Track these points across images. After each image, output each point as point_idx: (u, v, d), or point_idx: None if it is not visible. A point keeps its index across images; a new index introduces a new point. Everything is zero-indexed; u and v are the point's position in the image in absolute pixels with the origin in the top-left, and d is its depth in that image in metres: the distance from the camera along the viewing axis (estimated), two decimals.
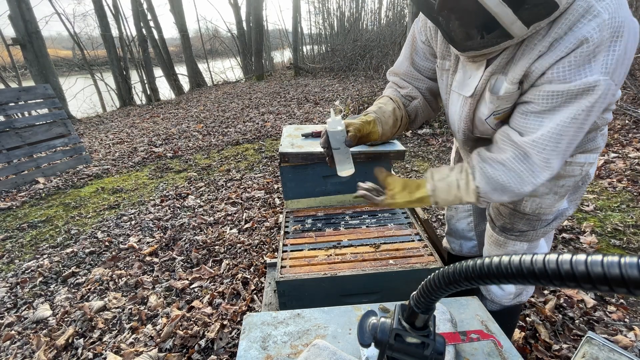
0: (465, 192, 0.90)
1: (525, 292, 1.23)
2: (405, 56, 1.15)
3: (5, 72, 9.09)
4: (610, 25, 0.67)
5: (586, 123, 0.76)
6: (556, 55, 0.72)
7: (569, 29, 0.70)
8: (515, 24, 0.69)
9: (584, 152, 0.98)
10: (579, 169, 0.99)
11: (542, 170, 0.82)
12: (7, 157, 3.96)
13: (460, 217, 1.45)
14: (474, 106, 0.95)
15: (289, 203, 1.72)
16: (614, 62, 0.69)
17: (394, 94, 1.16)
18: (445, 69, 1.02)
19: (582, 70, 0.71)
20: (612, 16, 0.67)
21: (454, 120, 1.06)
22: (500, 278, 0.33)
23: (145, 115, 8.10)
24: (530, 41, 0.76)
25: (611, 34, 0.68)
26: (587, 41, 0.68)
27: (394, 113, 1.10)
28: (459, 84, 0.97)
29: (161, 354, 1.62)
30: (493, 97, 0.86)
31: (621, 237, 2.16)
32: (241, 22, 13.72)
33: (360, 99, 6.19)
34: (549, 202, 1.03)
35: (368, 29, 12.58)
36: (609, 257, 0.26)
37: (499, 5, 0.66)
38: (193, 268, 2.28)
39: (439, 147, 4.06)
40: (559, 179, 1.00)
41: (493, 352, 0.78)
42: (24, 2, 7.17)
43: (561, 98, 0.75)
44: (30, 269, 2.39)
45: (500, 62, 0.83)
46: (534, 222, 1.08)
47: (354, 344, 0.82)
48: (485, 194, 0.89)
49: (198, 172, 4.02)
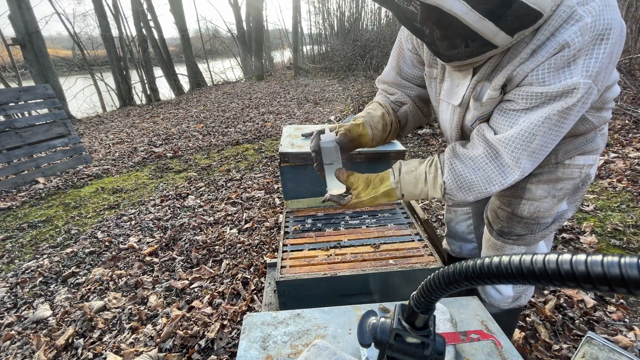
0: (432, 187, 0.89)
1: (524, 295, 1.22)
2: (392, 65, 1.14)
3: (5, 72, 9.09)
4: (593, 29, 0.67)
5: (563, 124, 0.76)
6: (538, 60, 0.73)
7: (551, 35, 0.70)
8: (498, 35, 0.69)
9: (583, 154, 0.96)
10: (578, 171, 0.97)
11: (512, 171, 0.81)
12: (7, 157, 3.95)
13: (460, 220, 1.44)
14: (463, 114, 0.94)
15: (289, 203, 1.71)
16: (597, 65, 0.69)
17: (384, 99, 1.16)
18: (433, 77, 1.01)
19: (562, 73, 0.71)
20: (596, 19, 0.67)
21: (445, 128, 1.06)
22: (500, 278, 0.33)
23: (145, 115, 8.10)
24: (515, 48, 0.76)
25: (594, 37, 0.67)
26: (568, 45, 0.68)
27: (383, 118, 1.09)
28: (447, 92, 0.96)
29: (161, 354, 1.62)
30: (477, 104, 0.86)
31: (621, 237, 2.16)
32: (241, 22, 13.73)
33: (360, 99, 6.19)
34: (547, 206, 1.01)
35: (368, 29, 12.58)
36: (609, 257, 0.26)
37: (479, 20, 0.66)
38: (193, 268, 2.28)
39: (438, 147, 4.06)
40: (558, 182, 0.98)
41: (493, 352, 0.78)
42: (24, 2, 7.17)
43: (539, 99, 0.75)
44: (30, 269, 2.39)
45: (486, 70, 0.83)
46: (532, 225, 1.06)
47: (354, 344, 0.82)
48: (451, 191, 0.88)
49: (198, 172, 4.02)
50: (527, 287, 1.20)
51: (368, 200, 0.96)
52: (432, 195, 0.90)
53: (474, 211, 1.41)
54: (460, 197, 0.88)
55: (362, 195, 0.96)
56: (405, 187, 0.92)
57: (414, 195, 0.93)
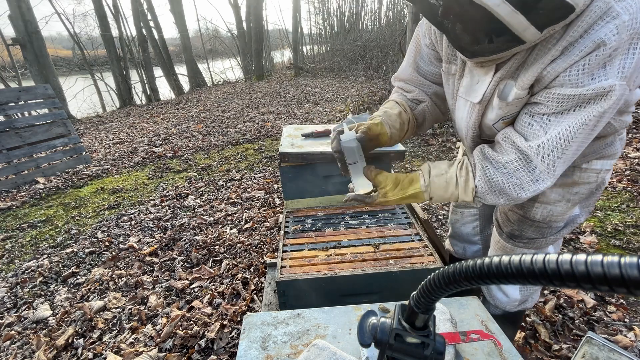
0: (464, 191, 0.87)
1: (531, 299, 1.19)
2: (409, 61, 1.12)
3: (5, 72, 9.09)
4: (630, 27, 0.63)
5: (595, 129, 0.72)
6: (570, 59, 0.68)
7: (585, 32, 0.66)
8: (528, 30, 0.65)
9: (601, 158, 0.93)
10: (595, 175, 0.94)
11: (544, 177, 0.78)
12: (7, 157, 3.96)
13: (466, 222, 1.42)
14: (482, 112, 0.91)
15: (289, 203, 1.71)
16: (632, 65, 0.65)
17: (400, 97, 1.13)
18: (451, 73, 0.98)
19: (596, 74, 0.67)
20: (633, 17, 0.63)
21: (461, 126, 1.02)
22: (500, 278, 0.33)
23: (145, 115, 8.10)
24: (543, 45, 0.71)
25: (630, 36, 0.64)
26: (604, 44, 0.64)
27: (400, 116, 1.07)
28: (465, 89, 0.93)
29: (161, 354, 1.62)
30: (502, 104, 0.82)
31: (621, 237, 2.16)
32: (241, 22, 13.73)
33: (360, 99, 6.19)
34: (561, 210, 0.99)
35: (368, 29, 12.58)
36: (609, 257, 0.26)
37: (511, 13, 0.62)
38: (193, 268, 2.28)
39: (439, 147, 4.06)
40: (573, 186, 0.95)
41: (493, 352, 0.78)
42: (24, 2, 7.17)
43: (572, 102, 0.70)
44: (30, 269, 2.39)
45: (511, 67, 0.78)
46: (544, 229, 1.03)
47: (354, 344, 0.82)
48: (483, 195, 0.86)
49: (198, 172, 4.02)
50: (534, 290, 1.18)
51: (395, 201, 0.94)
52: (463, 199, 0.88)
53: (481, 213, 1.38)
54: (491, 200, 0.86)
55: (389, 195, 0.94)
56: (435, 190, 0.89)
57: (443, 199, 0.90)
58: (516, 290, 1.16)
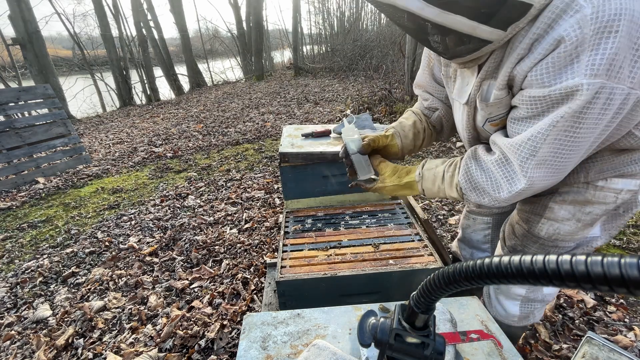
0: (449, 186, 0.89)
1: (532, 315, 1.15)
2: (423, 67, 1.14)
3: (5, 72, 9.09)
4: (595, 21, 0.58)
5: (577, 133, 0.66)
6: (535, 58, 0.66)
7: (549, 27, 0.63)
8: (491, 32, 0.65)
9: (623, 176, 0.82)
10: (614, 195, 0.85)
11: (519, 178, 0.75)
12: (7, 157, 3.95)
13: (478, 229, 1.41)
14: (472, 114, 0.91)
15: (289, 203, 1.72)
16: (604, 60, 0.59)
17: (418, 106, 1.17)
18: (448, 76, 0.99)
19: (563, 73, 0.63)
20: (597, 10, 0.58)
21: (459, 129, 1.03)
22: (500, 278, 0.33)
23: (145, 115, 8.10)
24: (513, 42, 0.70)
25: (596, 30, 0.58)
26: (564, 40, 0.60)
27: (414, 126, 1.10)
28: (458, 91, 0.94)
29: (161, 354, 1.62)
30: (483, 105, 0.82)
31: (621, 237, 2.16)
32: (241, 22, 13.72)
33: (360, 99, 6.19)
34: (569, 229, 0.92)
35: (368, 29, 12.59)
36: (609, 257, 0.26)
37: (441, 14, 0.62)
38: (193, 268, 2.28)
39: (438, 147, 4.06)
40: (586, 205, 0.88)
41: (493, 352, 0.78)
42: (24, 2, 7.17)
43: (543, 103, 0.67)
44: (30, 269, 2.38)
45: (490, 66, 0.77)
46: (549, 248, 0.97)
47: (354, 344, 0.82)
48: (466, 192, 0.86)
49: (198, 172, 4.02)
50: (535, 307, 1.13)
51: (391, 188, 0.98)
52: (450, 194, 0.90)
53: (494, 222, 1.36)
54: (474, 198, 0.85)
55: (387, 181, 0.99)
56: (425, 183, 0.93)
57: (433, 192, 0.93)
58: (515, 305, 1.13)
